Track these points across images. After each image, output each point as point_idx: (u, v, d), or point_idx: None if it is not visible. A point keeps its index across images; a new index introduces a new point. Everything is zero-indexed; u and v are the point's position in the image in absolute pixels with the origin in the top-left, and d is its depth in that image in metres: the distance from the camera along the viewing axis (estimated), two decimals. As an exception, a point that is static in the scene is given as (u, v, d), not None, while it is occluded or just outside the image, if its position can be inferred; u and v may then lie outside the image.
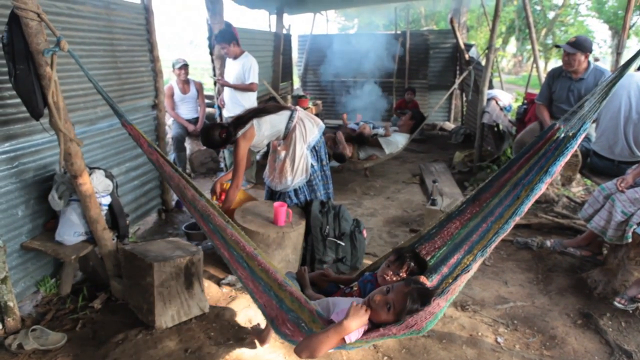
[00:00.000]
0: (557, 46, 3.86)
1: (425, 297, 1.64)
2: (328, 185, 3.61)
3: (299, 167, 3.37)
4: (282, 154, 3.39)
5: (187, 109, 5.65)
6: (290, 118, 3.34)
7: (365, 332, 1.65)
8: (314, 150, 3.44)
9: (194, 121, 5.64)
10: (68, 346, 2.49)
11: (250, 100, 4.91)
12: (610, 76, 1.89)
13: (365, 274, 2.23)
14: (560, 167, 1.78)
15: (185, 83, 5.59)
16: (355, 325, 1.58)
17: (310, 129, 3.40)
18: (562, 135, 1.89)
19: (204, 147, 6.07)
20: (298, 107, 3.46)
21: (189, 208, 2.26)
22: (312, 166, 3.42)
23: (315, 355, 1.60)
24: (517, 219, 1.77)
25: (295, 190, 3.46)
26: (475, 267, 1.75)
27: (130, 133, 2.46)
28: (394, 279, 1.99)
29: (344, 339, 1.59)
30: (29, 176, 2.77)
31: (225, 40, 4.70)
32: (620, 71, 1.83)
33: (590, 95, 1.92)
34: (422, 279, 1.91)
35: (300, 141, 3.34)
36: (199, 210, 2.14)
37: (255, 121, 3.23)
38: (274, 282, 1.88)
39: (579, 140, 1.77)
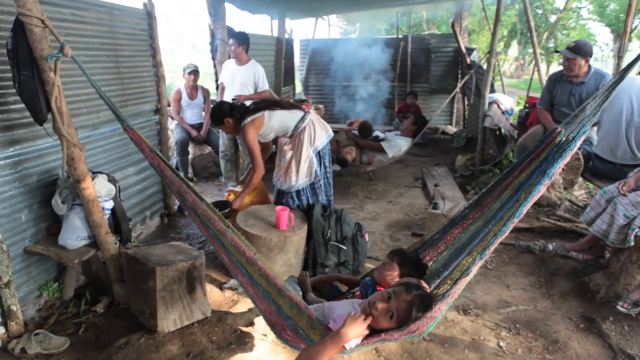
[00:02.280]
0: (558, 51, 3.86)
1: (427, 303, 1.62)
2: (330, 191, 3.62)
3: (304, 169, 3.39)
4: (289, 154, 3.41)
5: (192, 115, 5.67)
6: (302, 119, 3.37)
7: (366, 337, 1.62)
8: (319, 155, 3.45)
9: (198, 127, 5.66)
10: (71, 350, 2.49)
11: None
12: (611, 79, 1.90)
13: (367, 278, 2.23)
14: (559, 169, 1.80)
15: (194, 89, 5.61)
16: (353, 334, 1.55)
17: (319, 134, 3.42)
18: (563, 138, 1.90)
19: (207, 152, 6.10)
20: (311, 110, 3.50)
21: (190, 213, 2.27)
22: (316, 170, 3.44)
23: None
24: (515, 221, 1.76)
25: (298, 192, 3.48)
26: (474, 269, 1.73)
27: (131, 138, 2.47)
28: (391, 279, 2.01)
29: (343, 346, 1.56)
30: (33, 181, 2.79)
31: (239, 39, 4.72)
32: (622, 74, 1.84)
33: (592, 99, 1.93)
34: (422, 283, 1.87)
35: (307, 143, 3.36)
36: (199, 215, 2.14)
37: (266, 112, 3.28)
38: (272, 288, 1.86)
39: (578, 143, 1.78)
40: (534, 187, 1.76)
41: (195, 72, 5.52)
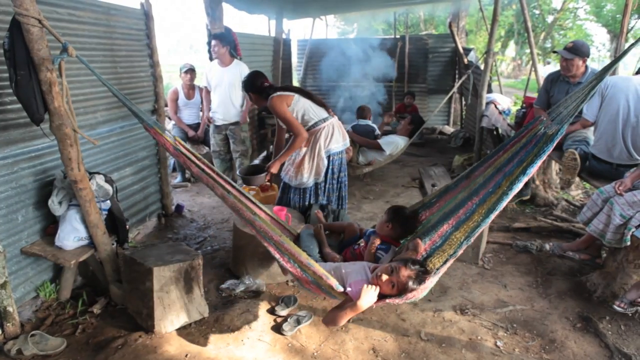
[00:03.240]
0: (556, 52, 3.87)
1: (422, 278, 1.99)
2: (333, 197, 3.59)
3: (316, 167, 3.39)
4: (303, 150, 3.39)
5: (189, 114, 5.67)
6: (324, 119, 3.36)
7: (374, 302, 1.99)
8: (329, 159, 3.43)
9: (195, 127, 5.65)
10: (67, 351, 2.49)
11: (242, 103, 4.92)
12: (589, 80, 2.03)
13: (368, 229, 2.68)
14: (537, 168, 2.04)
15: (191, 88, 5.61)
16: (367, 304, 1.94)
17: (336, 138, 3.41)
18: (542, 130, 2.12)
19: (204, 152, 6.08)
20: (335, 116, 3.48)
21: (226, 201, 2.43)
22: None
23: (337, 325, 2.16)
24: (496, 214, 2.05)
25: (304, 190, 3.49)
26: (460, 252, 2.09)
27: (154, 137, 2.62)
28: (384, 231, 2.51)
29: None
30: (29, 181, 2.78)
31: (223, 40, 4.71)
32: (600, 75, 1.98)
33: (571, 99, 2.07)
34: (418, 242, 2.26)
35: (323, 143, 3.36)
36: (231, 207, 2.40)
37: (297, 95, 3.30)
38: (297, 261, 2.14)
39: (555, 143, 1.98)
40: (515, 182, 2.01)
41: (191, 71, 5.51)
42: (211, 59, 5.52)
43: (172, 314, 2.63)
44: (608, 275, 3.03)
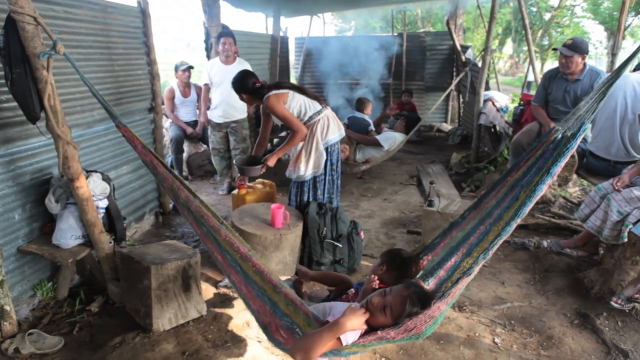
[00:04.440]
0: (555, 49, 3.87)
1: (425, 300, 1.63)
2: (332, 190, 3.60)
3: (313, 160, 3.42)
4: (300, 144, 3.42)
5: (186, 112, 5.65)
6: (319, 112, 3.39)
7: (362, 335, 1.61)
8: (327, 150, 3.45)
9: (193, 124, 5.65)
10: (65, 350, 2.48)
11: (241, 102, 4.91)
12: (607, 77, 1.91)
13: (357, 284, 2.22)
14: (561, 167, 1.79)
15: (187, 86, 5.59)
16: (352, 325, 1.55)
17: (332, 129, 3.44)
18: (560, 135, 1.90)
19: (202, 150, 6.08)
20: (329, 107, 3.51)
21: (182, 210, 2.24)
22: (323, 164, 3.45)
23: (310, 356, 1.54)
24: (518, 221, 1.76)
25: (302, 184, 3.49)
26: (476, 269, 1.74)
27: (124, 135, 2.45)
28: (377, 275, 2.01)
29: (339, 340, 1.54)
30: (26, 180, 2.77)
31: (234, 38, 4.71)
32: (617, 72, 1.85)
33: (589, 97, 1.94)
34: (419, 282, 1.92)
35: (319, 136, 3.38)
36: (192, 212, 2.13)
37: (291, 92, 3.31)
38: (267, 285, 1.85)
39: (579, 140, 1.78)
40: (537, 186, 1.76)
41: (189, 69, 5.49)
42: (209, 56, 5.51)
43: (170, 312, 2.62)
44: (605, 272, 3.04)
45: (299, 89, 3.42)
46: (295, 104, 3.32)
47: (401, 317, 1.60)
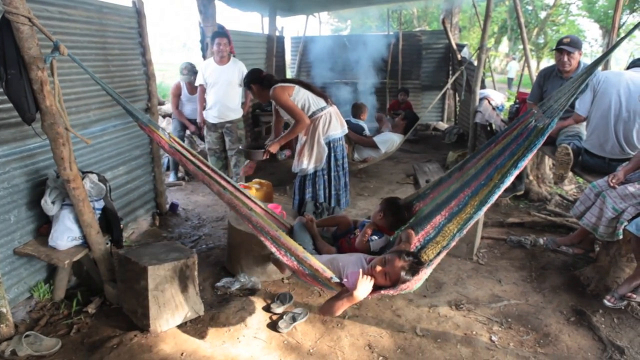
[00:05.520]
0: (559, 48, 3.82)
1: (415, 269, 2.03)
2: (339, 186, 3.64)
3: (316, 154, 3.48)
4: (303, 138, 3.50)
5: (191, 109, 5.57)
6: (322, 108, 3.47)
7: (370, 293, 2.02)
8: (329, 145, 3.52)
9: (195, 121, 5.51)
10: (62, 352, 2.48)
11: (238, 102, 4.91)
12: (578, 73, 2.06)
13: (364, 220, 2.69)
14: (527, 161, 2.06)
15: (193, 84, 5.44)
16: (363, 294, 1.99)
17: (334, 125, 3.50)
18: (533, 123, 2.15)
19: (199, 150, 6.07)
20: (333, 104, 3.60)
21: (223, 200, 2.43)
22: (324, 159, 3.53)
23: (333, 314, 2.14)
24: (488, 206, 2.07)
25: (304, 178, 3.56)
26: (453, 244, 2.11)
27: (149, 135, 2.56)
28: (376, 220, 2.57)
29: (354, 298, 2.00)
30: (21, 181, 2.76)
31: (229, 38, 4.70)
32: (590, 68, 2.02)
33: (561, 93, 2.10)
34: (410, 232, 2.36)
35: (321, 130, 3.46)
36: (227, 202, 2.39)
37: (297, 86, 3.44)
38: (294, 254, 2.17)
39: (545, 137, 2.00)
40: (506, 175, 2.04)
41: (195, 74, 5.41)
42: (205, 57, 5.49)
43: (167, 313, 2.62)
44: (601, 269, 3.06)
45: (305, 85, 3.51)
46: (300, 98, 3.40)
47: (398, 282, 2.01)
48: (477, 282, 3.23)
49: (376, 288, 2.05)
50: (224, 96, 4.76)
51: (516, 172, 2.02)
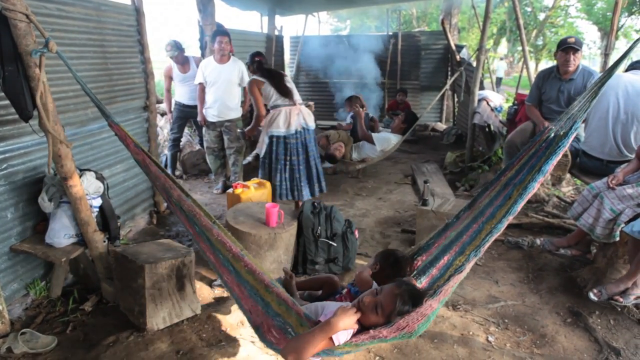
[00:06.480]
0: (564, 48, 3.79)
1: (416, 298, 1.62)
2: (297, 179, 4.10)
3: (260, 142, 4.14)
4: (262, 128, 4.14)
5: (188, 92, 5.24)
6: (277, 106, 4.02)
7: (355, 335, 1.60)
8: (271, 139, 4.03)
9: (195, 107, 5.12)
10: (58, 349, 2.47)
11: (238, 101, 4.91)
12: (599, 76, 1.93)
13: (348, 284, 2.19)
14: (553, 165, 1.81)
15: (185, 62, 5.28)
16: (343, 324, 1.54)
17: (277, 124, 3.97)
18: (553, 134, 1.92)
19: (196, 149, 6.06)
20: (297, 106, 4.08)
21: (175, 209, 2.22)
22: (267, 150, 4.06)
23: (302, 357, 1.53)
24: (510, 218, 1.79)
25: (263, 159, 4.12)
26: (468, 267, 1.75)
27: (116, 133, 2.41)
28: (369, 274, 2.04)
29: (332, 339, 1.54)
30: (18, 178, 2.75)
31: (229, 36, 4.70)
32: (609, 71, 1.87)
33: (581, 97, 1.97)
34: (412, 280, 1.93)
35: (266, 124, 4.04)
36: (184, 211, 2.10)
37: (266, 83, 4.04)
38: (260, 284, 1.84)
39: (571, 138, 1.80)
40: (529, 184, 1.78)
41: (179, 52, 5.20)
42: (203, 55, 5.48)
43: (164, 311, 2.62)
44: (598, 271, 3.06)
45: (277, 83, 4.04)
46: (265, 93, 4.06)
47: (393, 316, 1.59)
48: (474, 282, 3.23)
49: (365, 328, 1.62)
50: (224, 95, 4.75)
51: (541, 178, 1.79)
